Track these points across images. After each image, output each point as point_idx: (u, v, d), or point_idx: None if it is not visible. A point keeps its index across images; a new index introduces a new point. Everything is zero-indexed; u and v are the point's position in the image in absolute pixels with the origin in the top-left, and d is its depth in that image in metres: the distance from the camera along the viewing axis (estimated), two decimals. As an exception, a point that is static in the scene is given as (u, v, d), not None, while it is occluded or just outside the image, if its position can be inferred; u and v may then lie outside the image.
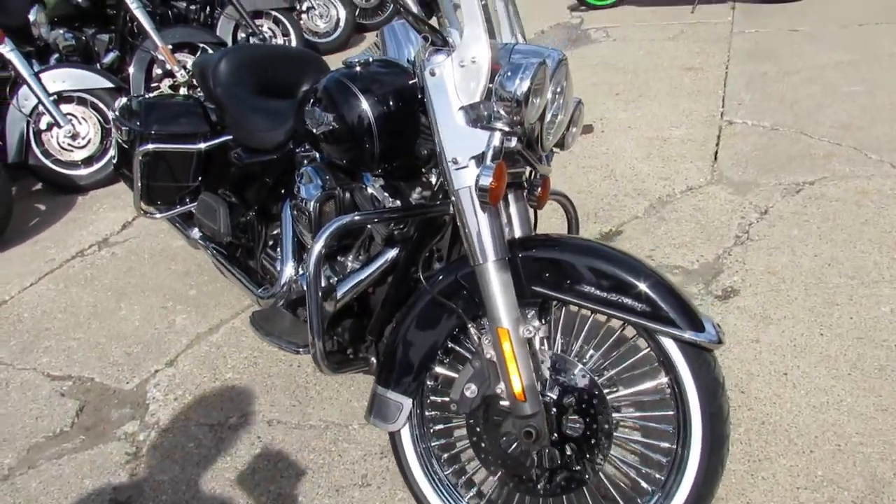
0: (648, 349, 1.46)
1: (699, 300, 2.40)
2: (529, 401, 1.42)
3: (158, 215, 2.50)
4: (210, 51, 4.58)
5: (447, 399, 1.57)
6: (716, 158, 3.45)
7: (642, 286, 1.40)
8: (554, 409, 1.48)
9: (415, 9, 1.44)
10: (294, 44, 5.38)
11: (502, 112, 1.33)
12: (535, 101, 1.35)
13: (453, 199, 1.42)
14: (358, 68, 1.67)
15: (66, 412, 2.29)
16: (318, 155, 1.89)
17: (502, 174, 1.33)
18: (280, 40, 5.39)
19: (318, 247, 1.52)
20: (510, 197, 1.61)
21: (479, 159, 1.37)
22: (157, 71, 4.42)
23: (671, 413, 1.46)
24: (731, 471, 1.75)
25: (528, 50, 1.46)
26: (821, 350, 2.10)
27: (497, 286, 1.41)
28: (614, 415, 1.51)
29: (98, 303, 2.89)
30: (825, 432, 1.83)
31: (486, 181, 1.31)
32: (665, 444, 1.50)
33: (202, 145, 2.28)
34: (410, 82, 1.59)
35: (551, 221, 2.79)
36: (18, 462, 2.11)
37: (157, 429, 2.17)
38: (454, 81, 1.39)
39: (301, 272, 1.97)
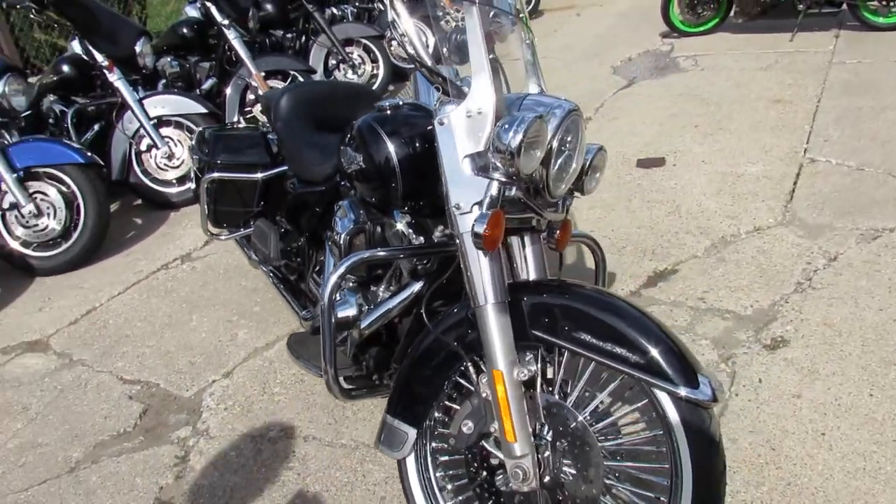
0: (646, 401, 1.46)
1: (745, 348, 2.33)
2: (520, 442, 1.45)
3: (223, 237, 2.70)
4: (300, 78, 4.86)
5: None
6: (791, 198, 3.31)
7: (640, 338, 1.40)
8: (546, 453, 1.50)
9: (429, 62, 1.52)
10: (382, 70, 5.59)
11: (498, 163, 1.38)
12: (533, 153, 1.39)
13: (457, 241, 1.48)
14: (388, 111, 1.78)
15: (131, 414, 2.51)
16: (354, 191, 2.00)
17: (498, 222, 1.39)
18: (369, 67, 5.62)
19: (333, 278, 1.62)
20: (526, 239, 1.66)
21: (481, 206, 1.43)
22: (251, 97, 4.73)
23: (666, 466, 1.44)
24: (746, 530, 1.70)
25: (537, 101, 1.51)
26: (867, 412, 2.00)
27: (494, 328, 1.45)
28: (609, 463, 1.51)
29: (173, 313, 3.13)
30: (855, 501, 1.74)
31: (480, 228, 1.37)
32: (658, 496, 1.48)
33: (260, 175, 2.45)
34: None
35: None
36: (85, 456, 2.33)
37: (206, 436, 2.34)
38: (462, 130, 1.46)
39: (341, 299, 2.08)
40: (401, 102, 1.80)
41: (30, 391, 2.72)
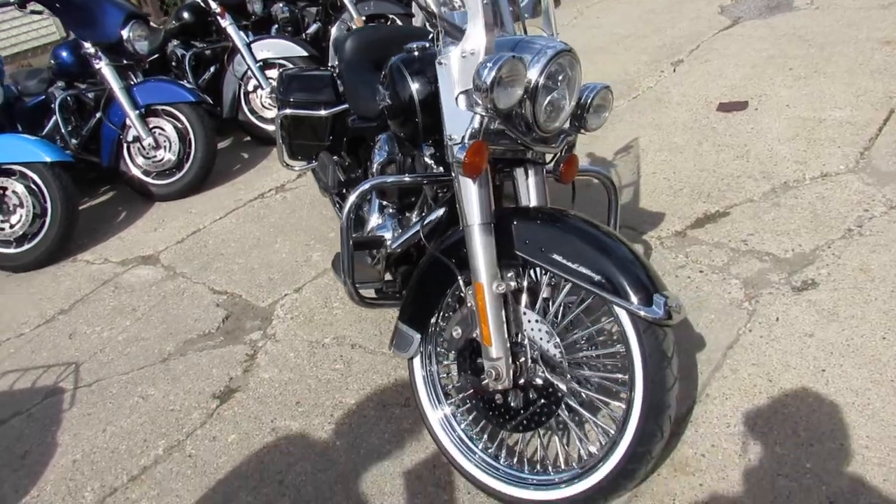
0: (612, 318, 1.61)
1: (773, 289, 2.37)
2: (495, 346, 1.66)
3: (297, 168, 3.01)
4: (399, 22, 5.08)
5: (450, 338, 1.86)
6: (871, 145, 3.18)
7: (606, 261, 1.56)
8: (522, 358, 1.70)
9: (434, 8, 1.70)
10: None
11: (478, 98, 1.55)
12: (510, 90, 1.54)
13: (452, 169, 1.67)
14: (415, 53, 1.97)
15: (216, 318, 2.92)
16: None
17: (478, 151, 1.57)
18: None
19: (350, 200, 1.86)
20: (530, 171, 1.83)
21: (471, 137, 1.61)
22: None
23: (625, 377, 1.60)
24: (720, 448, 1.83)
25: (529, 43, 1.65)
26: (873, 353, 2.02)
27: (478, 246, 1.65)
28: (577, 371, 1.69)
29: (262, 236, 3.52)
30: (834, 431, 1.81)
31: (461, 155, 1.55)
32: (618, 404, 1.65)
33: (324, 112, 2.71)
34: None
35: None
36: (175, 350, 2.77)
37: (273, 339, 2.70)
38: (457, 70, 1.64)
39: (378, 222, 2.34)
40: (427, 45, 1.98)
41: (139, 296, 3.21)
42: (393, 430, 2.13)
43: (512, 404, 1.73)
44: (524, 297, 1.74)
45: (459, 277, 1.75)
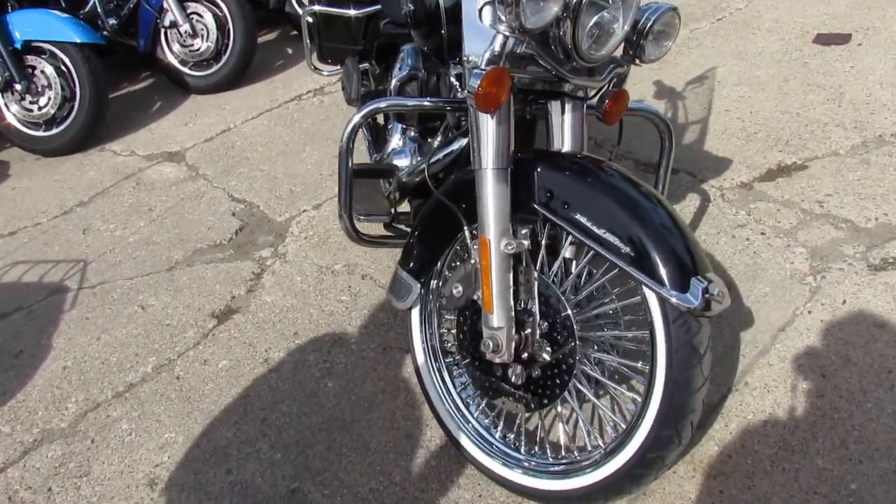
0: (639, 297, 1.35)
1: (845, 264, 2.03)
2: (496, 314, 1.42)
3: (325, 73, 2.74)
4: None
5: (453, 293, 1.62)
6: None
7: (640, 229, 1.28)
8: (528, 330, 1.45)
9: None
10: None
11: (502, 14, 1.24)
12: (541, 4, 1.23)
13: (467, 99, 1.39)
14: (443, -44, 1.64)
15: (229, 229, 2.75)
16: (415, 36, 1.91)
17: (496, 80, 1.27)
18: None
19: (352, 122, 1.60)
20: (567, 106, 1.52)
21: (491, 61, 1.32)
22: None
23: (646, 367, 1.35)
24: (752, 451, 1.57)
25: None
26: (958, 357, 1.70)
27: (489, 194, 1.39)
28: (591, 353, 1.44)
29: (290, 143, 3.30)
30: (891, 449, 1.53)
31: (475, 83, 1.26)
32: (634, 397, 1.40)
33: (353, 11, 2.41)
34: None
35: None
36: (183, 259, 2.62)
37: (283, 259, 2.52)
38: (483, -24, 1.32)
39: (397, 146, 2.07)
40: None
41: (157, 196, 3.06)
42: (389, 378, 1.95)
43: (511, 379, 1.50)
44: (541, 257, 1.48)
45: (466, 228, 1.49)
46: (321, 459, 1.77)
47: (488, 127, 1.36)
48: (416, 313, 1.71)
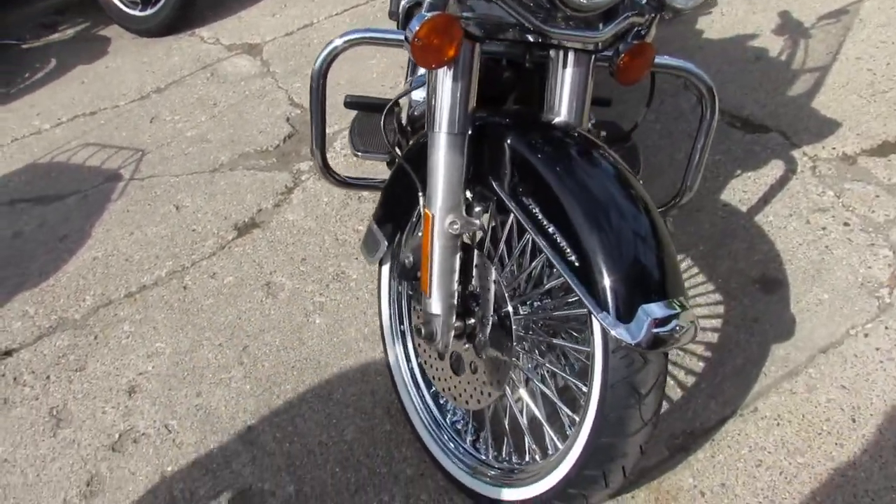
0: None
1: (862, 283, 1.64)
2: (434, 299, 1.24)
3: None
4: None
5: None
6: None
7: (595, 235, 1.04)
8: (472, 320, 1.27)
9: None
10: None
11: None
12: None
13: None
14: None
15: (279, 135, 2.68)
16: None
17: (439, 29, 1.04)
18: None
19: (330, 46, 1.42)
20: (569, 58, 1.24)
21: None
22: None
23: (584, 390, 1.14)
24: (732, 494, 1.34)
25: None
26: None
27: (439, 163, 1.19)
28: (539, 358, 1.24)
29: (363, 48, 3.12)
30: (904, 530, 1.24)
31: (410, 32, 1.04)
32: (576, 418, 1.20)
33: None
34: None
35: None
36: (228, 161, 2.59)
37: (315, 176, 2.43)
38: None
39: (412, 79, 1.86)
40: None
41: (225, 90, 3.03)
42: (375, 327, 1.85)
43: (449, 370, 1.34)
44: (497, 243, 1.26)
45: (420, 196, 1.29)
46: (284, 401, 1.72)
47: (441, 83, 1.14)
48: (386, 270, 1.56)
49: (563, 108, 1.23)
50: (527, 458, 1.31)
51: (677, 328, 0.99)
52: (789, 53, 2.47)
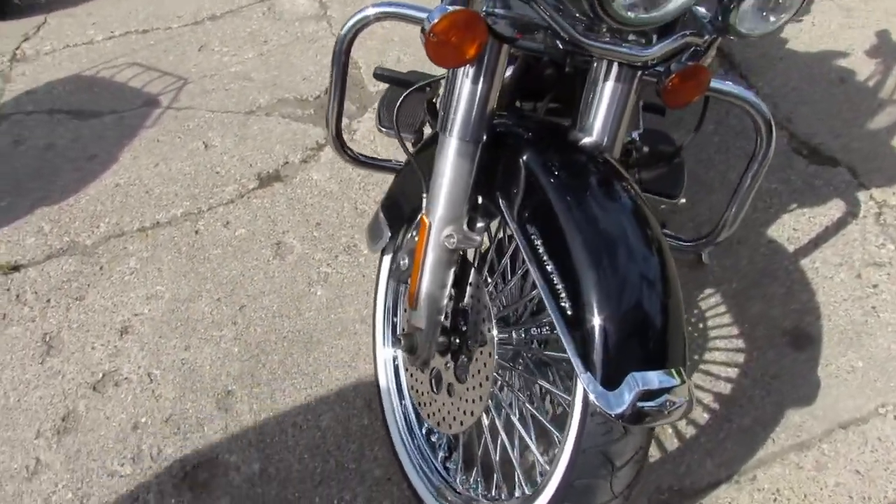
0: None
1: None
2: (420, 312, 1.15)
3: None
4: None
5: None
6: None
7: (596, 282, 0.92)
8: (458, 340, 1.18)
9: None
10: None
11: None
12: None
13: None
14: None
15: (321, 85, 2.59)
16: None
17: (459, 25, 0.92)
18: None
19: (351, 21, 1.31)
20: (612, 71, 1.10)
21: None
22: None
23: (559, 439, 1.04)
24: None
25: None
26: None
27: (446, 170, 1.08)
28: (520, 394, 1.15)
29: (429, 3, 2.97)
30: None
31: (427, 24, 0.92)
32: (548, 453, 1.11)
33: None
34: None
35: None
36: (266, 105, 2.52)
37: (350, 136, 2.34)
38: None
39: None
40: None
41: (278, 29, 2.93)
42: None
43: (428, 385, 1.25)
44: (494, 260, 1.16)
45: (424, 196, 1.18)
46: (268, 371, 1.67)
47: (459, 84, 1.02)
48: (387, 261, 1.47)
49: (595, 127, 1.10)
50: (493, 493, 1.23)
51: (667, 404, 0.88)
52: (879, 80, 2.24)
